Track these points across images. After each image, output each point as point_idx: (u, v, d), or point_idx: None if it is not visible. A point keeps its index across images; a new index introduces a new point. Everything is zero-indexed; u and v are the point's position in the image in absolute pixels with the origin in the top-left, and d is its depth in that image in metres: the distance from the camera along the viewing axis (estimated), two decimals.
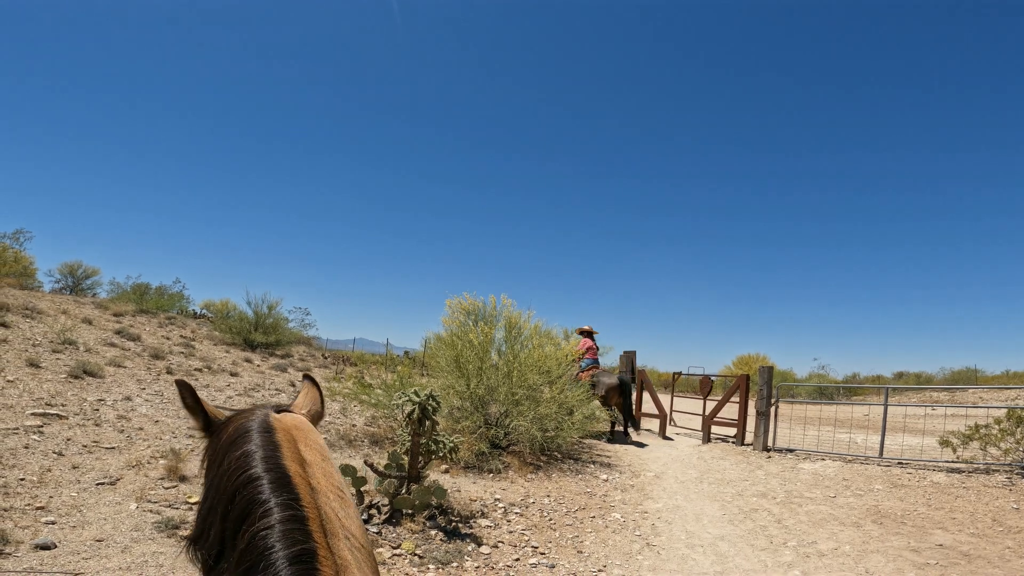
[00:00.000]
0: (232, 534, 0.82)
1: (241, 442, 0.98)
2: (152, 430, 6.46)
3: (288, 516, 0.80)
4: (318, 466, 0.99)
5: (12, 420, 5.73)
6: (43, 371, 7.74)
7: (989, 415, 8.16)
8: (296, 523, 0.80)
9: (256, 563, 0.75)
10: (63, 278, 19.60)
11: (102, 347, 10.26)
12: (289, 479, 0.88)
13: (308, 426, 1.16)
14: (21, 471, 4.64)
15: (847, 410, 14.83)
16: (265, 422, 1.05)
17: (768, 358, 23.76)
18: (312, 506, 0.85)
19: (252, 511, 0.82)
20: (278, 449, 0.96)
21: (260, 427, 1.02)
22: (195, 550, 0.90)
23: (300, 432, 1.08)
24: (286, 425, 1.08)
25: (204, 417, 1.25)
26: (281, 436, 1.01)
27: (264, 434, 1.00)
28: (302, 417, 1.22)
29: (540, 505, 5.98)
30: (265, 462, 0.91)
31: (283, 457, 0.94)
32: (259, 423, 1.04)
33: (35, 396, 6.64)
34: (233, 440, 1.01)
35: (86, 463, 5.07)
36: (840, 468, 8.11)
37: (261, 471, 0.89)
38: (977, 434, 7.66)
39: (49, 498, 4.24)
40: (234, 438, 1.01)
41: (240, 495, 0.86)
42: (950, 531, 5.46)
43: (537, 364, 8.30)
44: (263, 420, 1.06)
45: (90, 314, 12.91)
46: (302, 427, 1.12)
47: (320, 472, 0.97)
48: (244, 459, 0.92)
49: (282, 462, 0.92)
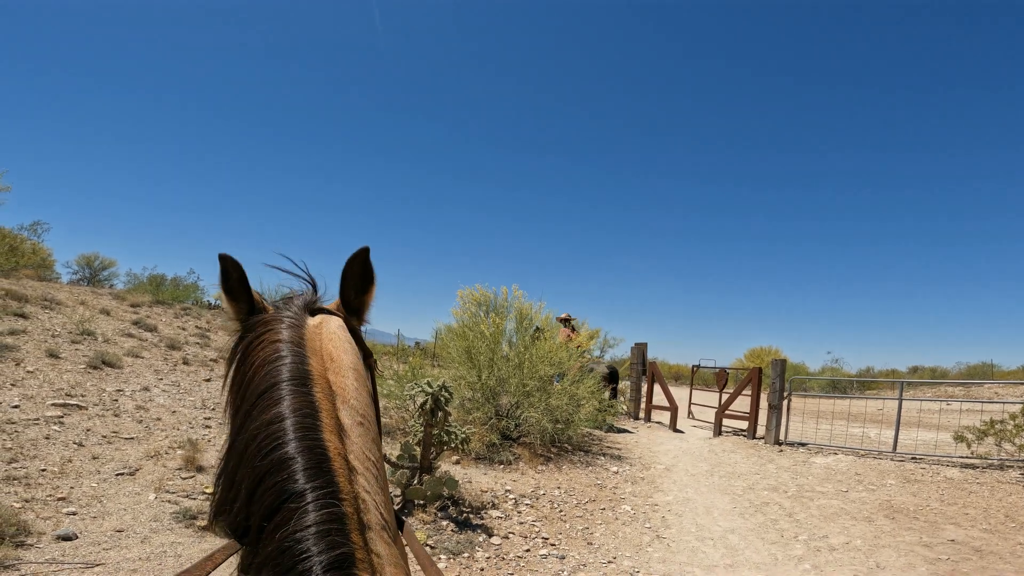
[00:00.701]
0: (259, 525, 0.73)
1: (272, 397, 0.83)
2: (170, 420, 6.57)
3: (326, 516, 0.71)
4: (356, 434, 0.85)
5: (33, 411, 5.86)
6: (63, 362, 7.89)
7: (1004, 411, 8.08)
8: (334, 522, 0.70)
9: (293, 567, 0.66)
10: (80, 269, 19.92)
11: (120, 338, 10.43)
12: (328, 462, 0.77)
13: (346, 350, 1.00)
14: (42, 462, 4.75)
15: (860, 404, 14.75)
16: (300, 363, 0.90)
17: (781, 351, 23.63)
18: (351, 497, 0.75)
19: (284, 505, 0.72)
20: (316, 415, 0.82)
21: (294, 376, 0.87)
22: (219, 522, 0.80)
23: (337, 373, 0.93)
24: (322, 362, 0.93)
25: (248, 304, 1.07)
26: (320, 392, 0.87)
27: (300, 390, 0.85)
28: (341, 330, 1.05)
29: (551, 497, 6.03)
30: (300, 435, 0.78)
31: (321, 428, 0.81)
32: (292, 364, 0.89)
33: (55, 387, 6.78)
34: (263, 390, 0.85)
35: (106, 453, 5.18)
36: (853, 462, 8.07)
37: (295, 450, 0.76)
38: (992, 430, 7.59)
39: (70, 489, 4.34)
40: (264, 387, 0.86)
41: (271, 479, 0.75)
42: (962, 527, 5.43)
43: (548, 355, 8.33)
44: (296, 356, 0.91)
45: (107, 305, 13.10)
46: (340, 359, 0.97)
47: (358, 442, 0.84)
48: (275, 427, 0.79)
49: (320, 436, 0.80)
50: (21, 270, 14.31)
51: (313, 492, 0.73)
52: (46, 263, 16.95)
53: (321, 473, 0.75)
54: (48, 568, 3.17)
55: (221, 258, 1.05)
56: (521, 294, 9.59)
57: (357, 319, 1.18)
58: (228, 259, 1.05)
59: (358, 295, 1.16)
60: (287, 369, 0.88)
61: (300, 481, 0.73)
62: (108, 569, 3.26)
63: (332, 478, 0.75)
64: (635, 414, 12.82)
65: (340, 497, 0.74)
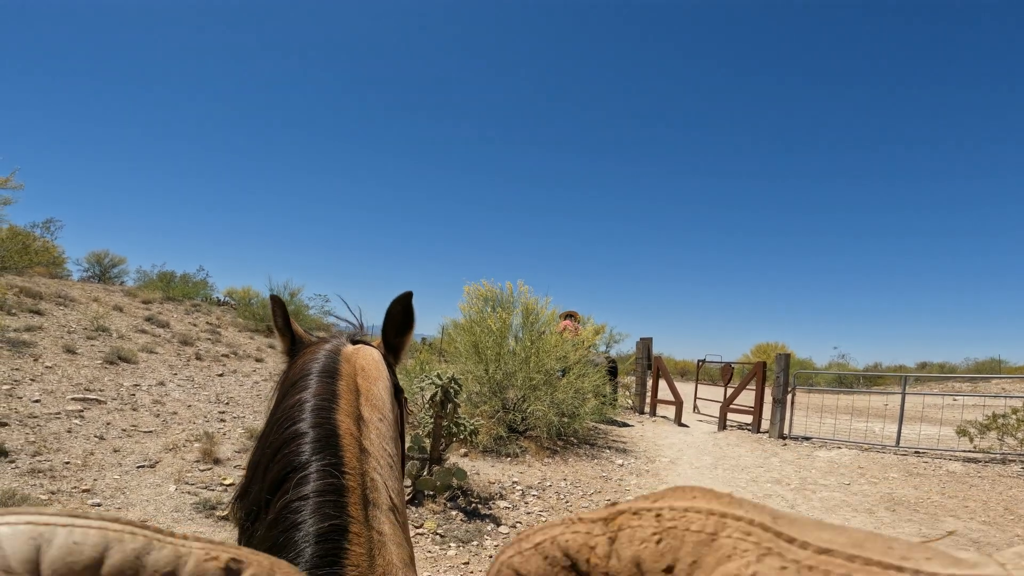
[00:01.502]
0: (267, 498, 0.76)
1: (300, 386, 0.92)
2: (185, 414, 6.74)
3: (325, 486, 0.73)
4: (375, 426, 0.91)
5: (54, 405, 6.04)
6: (79, 357, 8.08)
7: (1007, 405, 8.15)
8: (332, 494, 0.73)
9: (282, 537, 0.68)
10: (91, 266, 20.15)
11: (133, 334, 10.63)
12: (337, 438, 0.81)
13: (378, 369, 1.08)
14: (66, 455, 4.91)
15: (865, 399, 14.80)
16: (332, 363, 0.99)
17: (786, 346, 23.67)
18: (357, 472, 0.78)
19: (289, 476, 0.75)
20: (335, 400, 0.89)
21: (323, 370, 0.96)
22: (237, 507, 0.84)
23: (366, 379, 1.01)
24: (353, 368, 1.02)
25: (292, 340, 1.19)
26: (344, 385, 0.94)
27: (325, 380, 0.93)
28: (376, 355, 1.13)
29: (557, 488, 6.16)
30: (315, 415, 0.84)
31: (337, 410, 0.86)
32: (325, 363, 0.98)
33: (74, 382, 6.96)
34: (295, 381, 0.95)
35: (126, 446, 5.35)
36: (856, 456, 8.17)
37: (308, 426, 0.82)
38: (995, 424, 7.67)
39: (94, 481, 4.50)
40: (296, 378, 0.96)
41: (282, 453, 0.79)
42: (961, 519, 5.53)
43: (554, 350, 8.45)
44: (330, 359, 1.00)
45: (120, 301, 13.32)
46: (370, 372, 1.04)
47: (376, 432, 0.90)
48: (295, 409, 0.86)
49: (334, 416, 0.85)
50: (34, 268, 14.54)
51: (317, 463, 0.76)
52: (57, 261, 17.19)
53: (328, 447, 0.79)
54: None
55: (271, 299, 1.21)
56: (527, 289, 9.70)
57: (394, 357, 1.27)
58: (275, 299, 1.21)
59: (398, 335, 1.25)
60: (318, 365, 0.98)
61: (306, 453, 0.77)
62: None
63: (338, 452, 0.79)
64: (640, 408, 12.94)
65: (343, 470, 0.76)
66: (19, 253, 13.67)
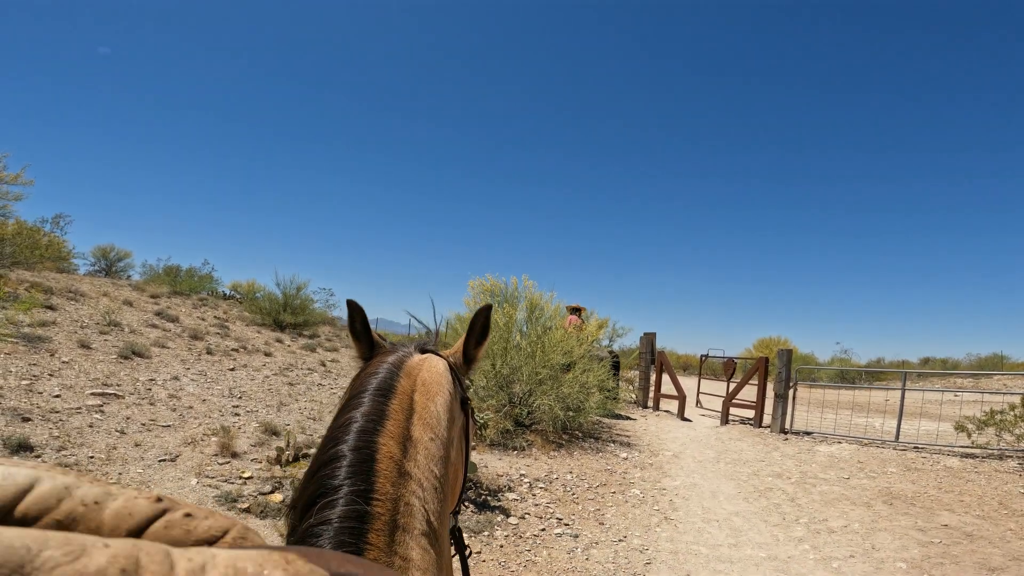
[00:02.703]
0: (300, 516, 0.78)
1: (352, 404, 0.93)
2: (201, 408, 6.91)
3: (349, 512, 0.74)
4: (423, 447, 0.92)
5: (74, 400, 6.20)
6: (95, 352, 8.24)
7: (1005, 402, 8.29)
8: (354, 520, 0.74)
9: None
10: (97, 261, 20.33)
11: (145, 328, 10.80)
12: (373, 464, 0.82)
13: (440, 383, 1.08)
14: (89, 449, 5.08)
15: (867, 395, 14.94)
16: (390, 379, 0.99)
17: (789, 341, 23.80)
18: (389, 498, 0.79)
19: (319, 499, 0.77)
20: (382, 422, 0.89)
21: (378, 388, 0.96)
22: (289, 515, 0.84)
23: (425, 394, 1.02)
24: (412, 384, 1.02)
25: (369, 346, 1.21)
26: (396, 404, 0.95)
27: (377, 399, 0.94)
28: (441, 367, 1.14)
29: (563, 481, 6.32)
30: (358, 436, 0.85)
31: (382, 432, 0.87)
32: (382, 379, 0.99)
33: (91, 376, 7.13)
34: (349, 398, 0.96)
35: (147, 441, 5.52)
36: (856, 451, 8.32)
37: (348, 448, 0.83)
38: (992, 420, 7.80)
39: (119, 475, 4.67)
40: (351, 395, 0.97)
41: (319, 475, 0.80)
42: (957, 513, 5.69)
43: (560, 344, 8.60)
44: (390, 374, 1.01)
45: (129, 296, 13.49)
46: (431, 386, 1.05)
47: (424, 453, 0.91)
48: (340, 430, 0.87)
49: (377, 439, 0.85)
50: (44, 262, 14.71)
51: (347, 488, 0.77)
52: (64, 256, 17.34)
53: (361, 472, 0.79)
54: None
55: (348, 304, 1.21)
56: (531, 284, 9.84)
57: (468, 367, 1.32)
58: (353, 305, 1.20)
59: (476, 346, 1.31)
60: (375, 381, 0.98)
61: (339, 477, 0.78)
62: None
63: (370, 478, 0.79)
64: (644, 403, 13.11)
65: (372, 497, 0.77)
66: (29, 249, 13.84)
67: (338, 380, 11.01)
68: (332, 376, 11.39)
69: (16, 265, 12.32)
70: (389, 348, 1.19)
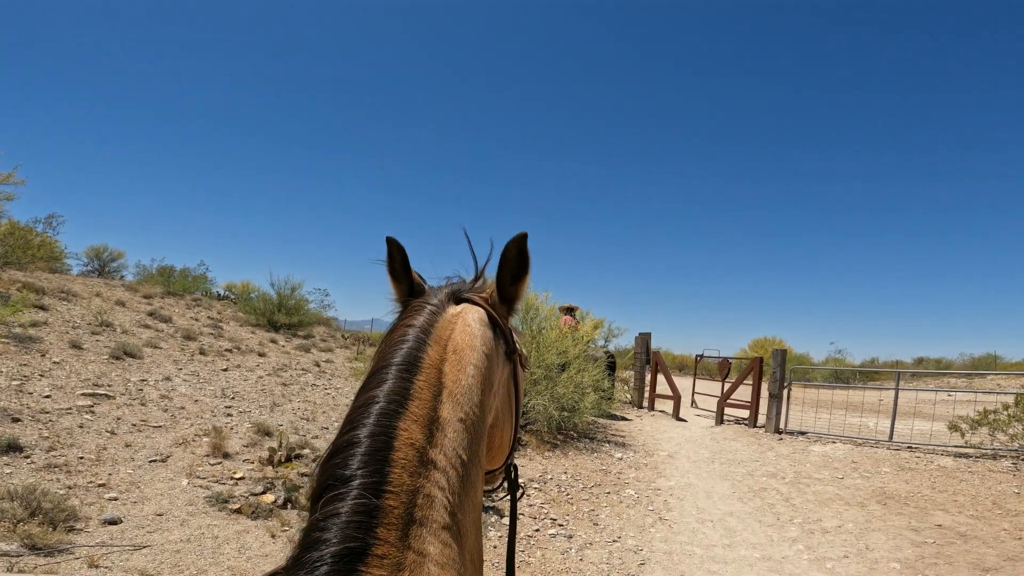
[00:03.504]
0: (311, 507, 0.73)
1: (375, 380, 0.85)
2: (192, 409, 6.86)
3: (356, 506, 0.69)
4: (452, 429, 0.84)
5: (64, 400, 6.15)
6: (86, 352, 8.18)
7: (999, 401, 8.31)
8: (361, 514, 0.69)
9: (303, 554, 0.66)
10: (90, 261, 20.20)
11: (137, 328, 10.73)
12: (389, 452, 0.75)
13: (474, 345, 0.97)
14: (79, 450, 5.03)
15: (861, 395, 14.96)
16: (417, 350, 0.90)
17: (784, 341, 23.86)
18: (405, 489, 0.73)
19: (329, 488, 0.72)
20: (405, 403, 0.81)
21: (404, 361, 0.87)
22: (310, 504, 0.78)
23: (457, 364, 0.92)
24: (443, 352, 0.93)
25: (409, 285, 1.10)
26: (423, 380, 0.86)
27: (402, 376, 0.85)
28: (478, 321, 1.03)
29: (558, 481, 6.30)
30: (378, 420, 0.78)
31: (404, 415, 0.79)
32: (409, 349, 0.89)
33: (82, 377, 7.07)
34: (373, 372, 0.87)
35: (137, 441, 5.47)
36: (850, 451, 8.33)
37: (364, 434, 0.76)
38: (986, 420, 7.83)
39: (108, 475, 4.62)
40: (378, 365, 0.88)
41: (331, 462, 0.75)
42: (950, 513, 5.69)
43: (555, 344, 8.59)
44: (418, 341, 0.91)
45: (121, 296, 13.41)
46: (463, 352, 0.95)
47: (451, 436, 0.83)
48: (360, 411, 0.80)
49: (395, 424, 0.78)
50: (36, 262, 14.60)
51: (359, 479, 0.71)
52: (56, 256, 17.23)
53: (374, 462, 0.73)
54: (100, 551, 3.45)
55: (388, 241, 1.10)
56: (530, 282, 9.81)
57: (508, 308, 1.16)
58: (393, 242, 1.09)
59: (513, 282, 1.13)
60: (401, 354, 0.88)
61: (352, 467, 0.73)
62: (154, 551, 3.54)
63: (384, 468, 0.73)
64: (639, 403, 13.10)
65: (384, 489, 0.71)
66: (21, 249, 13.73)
67: (332, 380, 10.96)
68: (326, 377, 11.34)
69: (8, 265, 12.21)
70: (427, 293, 1.08)
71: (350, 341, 19.05)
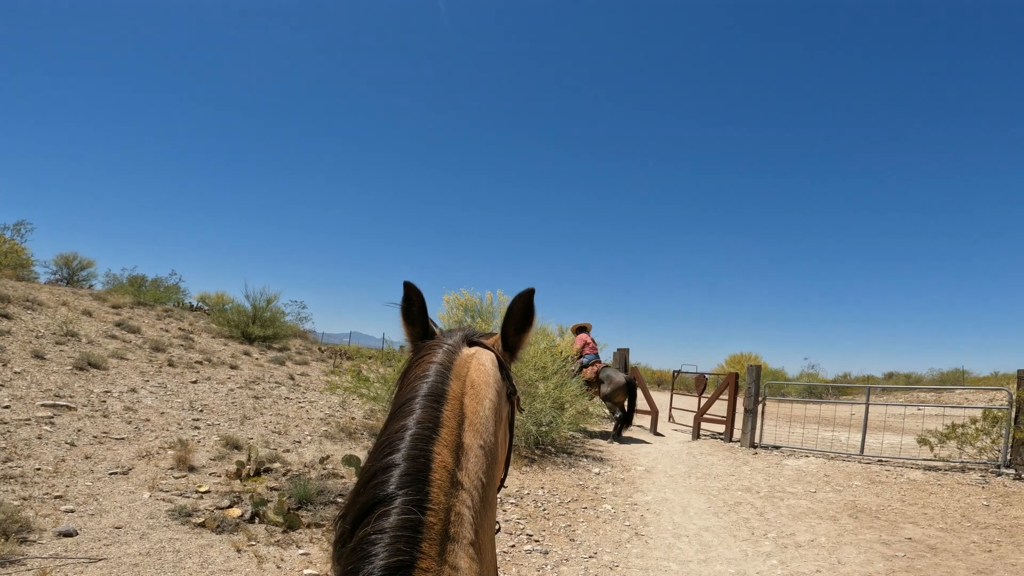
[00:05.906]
0: (352, 526, 0.79)
1: (404, 411, 0.92)
2: (159, 421, 6.66)
3: (404, 521, 0.75)
4: (473, 455, 0.92)
5: (23, 411, 5.92)
6: (48, 363, 7.92)
7: (965, 415, 8.47)
8: (409, 530, 0.74)
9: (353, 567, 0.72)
10: (59, 269, 19.67)
11: (103, 339, 10.43)
12: (428, 472, 0.82)
13: (488, 382, 1.07)
14: (36, 461, 4.84)
15: (833, 409, 15.17)
16: (440, 383, 0.99)
17: (760, 357, 24.13)
18: (442, 507, 0.80)
19: (373, 509, 0.77)
20: (436, 430, 0.89)
21: (430, 393, 0.96)
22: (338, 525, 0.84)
23: (475, 398, 1.01)
24: (462, 387, 1.01)
25: (423, 329, 1.18)
26: (449, 411, 0.94)
27: (431, 406, 0.93)
28: (490, 363, 1.13)
29: (534, 496, 6.23)
30: (413, 444, 0.85)
31: (436, 441, 0.87)
32: (433, 383, 0.98)
33: (43, 387, 6.83)
34: (402, 404, 0.95)
35: (98, 453, 5.28)
36: (822, 465, 8.40)
37: (402, 457, 0.83)
38: (954, 433, 7.96)
39: (66, 487, 4.44)
40: (403, 400, 0.96)
41: (372, 483, 0.81)
42: (920, 526, 5.75)
43: (533, 360, 8.54)
44: (440, 377, 1.00)
45: (89, 306, 13.04)
46: (480, 388, 1.04)
47: (473, 461, 0.91)
48: (395, 436, 0.87)
49: (431, 448, 0.86)
50: (2, 269, 14.17)
51: (402, 497, 0.77)
52: (24, 263, 16.75)
53: (416, 481, 0.80)
54: (52, 563, 3.29)
55: (406, 285, 1.17)
56: (506, 299, 9.80)
57: (511, 355, 1.26)
58: (412, 287, 1.17)
59: (517, 332, 1.24)
60: (427, 386, 0.97)
61: (393, 487, 0.78)
62: (110, 564, 3.40)
63: (425, 487, 0.79)
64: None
65: (426, 507, 0.77)
66: None
67: (306, 394, 10.75)
68: (300, 390, 11.13)
69: None
70: (439, 337, 1.17)
71: (327, 354, 18.76)
